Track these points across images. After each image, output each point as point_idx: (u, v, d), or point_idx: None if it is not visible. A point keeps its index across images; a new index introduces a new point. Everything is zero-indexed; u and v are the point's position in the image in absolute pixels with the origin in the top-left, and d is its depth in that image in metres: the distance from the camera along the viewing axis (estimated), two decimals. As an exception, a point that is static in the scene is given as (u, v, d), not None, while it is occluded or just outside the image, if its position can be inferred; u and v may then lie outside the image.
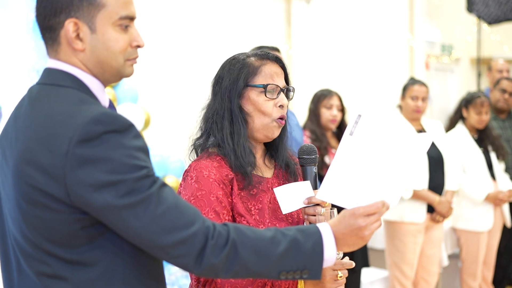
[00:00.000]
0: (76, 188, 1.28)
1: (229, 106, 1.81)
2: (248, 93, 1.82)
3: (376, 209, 1.46)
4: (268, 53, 1.88)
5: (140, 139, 1.34)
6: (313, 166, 1.82)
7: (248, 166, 1.79)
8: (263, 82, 1.82)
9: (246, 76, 1.82)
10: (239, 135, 1.80)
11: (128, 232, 1.32)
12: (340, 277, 1.75)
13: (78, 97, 1.37)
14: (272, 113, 1.82)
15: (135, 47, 1.45)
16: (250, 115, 1.81)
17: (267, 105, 1.81)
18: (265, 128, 1.82)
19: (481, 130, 4.56)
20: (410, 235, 4.10)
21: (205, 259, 1.33)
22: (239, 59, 1.86)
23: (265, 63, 1.85)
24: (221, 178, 1.75)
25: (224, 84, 1.84)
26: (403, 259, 4.12)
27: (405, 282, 4.15)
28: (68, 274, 1.35)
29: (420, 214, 4.09)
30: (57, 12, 1.39)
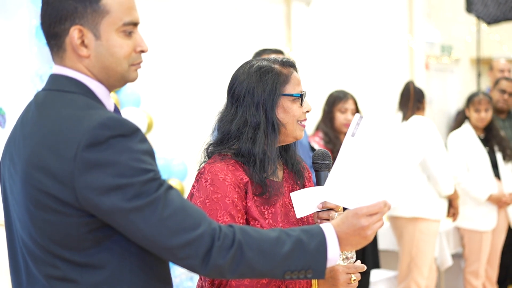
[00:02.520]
0: (84, 191, 1.31)
1: (264, 118, 1.83)
2: (282, 102, 1.85)
3: (379, 209, 1.48)
4: (289, 60, 1.92)
5: (146, 143, 1.37)
6: (327, 171, 1.85)
7: (271, 173, 1.83)
8: (293, 90, 1.86)
9: (281, 85, 1.85)
10: (272, 145, 1.83)
11: (136, 234, 1.34)
12: (353, 280, 1.78)
13: (84, 102, 1.40)
14: (300, 117, 1.87)
15: (139, 52, 1.47)
16: (283, 124, 1.84)
17: (298, 111, 1.86)
18: (295, 132, 1.87)
19: (487, 130, 4.61)
20: (433, 235, 4.20)
21: (211, 260, 1.36)
22: (267, 68, 1.87)
23: (291, 71, 1.89)
24: (236, 182, 1.77)
25: (257, 95, 1.84)
26: (424, 259, 4.20)
27: (422, 283, 4.21)
28: (77, 276, 1.37)
29: (444, 211, 4.24)
30: (62, 20, 1.41)
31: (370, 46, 6.98)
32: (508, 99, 5.02)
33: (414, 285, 4.19)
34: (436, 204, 4.18)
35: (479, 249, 4.56)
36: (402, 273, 4.29)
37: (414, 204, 4.17)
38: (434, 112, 8.22)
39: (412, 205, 4.18)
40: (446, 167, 4.22)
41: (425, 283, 4.21)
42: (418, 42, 7.61)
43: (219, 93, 4.59)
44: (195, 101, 4.98)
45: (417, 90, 4.39)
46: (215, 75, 5.10)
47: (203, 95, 5.01)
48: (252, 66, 1.88)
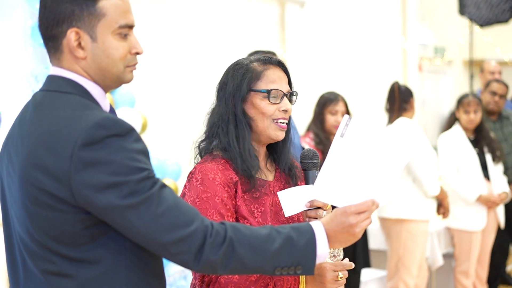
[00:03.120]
0: (81, 189, 1.35)
1: (233, 110, 1.85)
2: (252, 98, 1.85)
3: (366, 207, 1.52)
4: (271, 58, 1.92)
5: (141, 142, 1.41)
6: (314, 170, 1.86)
7: (253, 169, 1.83)
8: (266, 87, 1.85)
9: (249, 81, 1.86)
10: (244, 139, 1.84)
11: (130, 231, 1.38)
12: (340, 277, 1.80)
13: (81, 102, 1.43)
14: (273, 115, 1.85)
15: (134, 54, 1.51)
16: (253, 119, 1.85)
17: (269, 108, 1.85)
18: (268, 131, 1.86)
19: (477, 132, 4.65)
20: (422, 234, 4.22)
21: (203, 256, 1.39)
22: (242, 64, 1.89)
23: (267, 67, 1.88)
24: (226, 181, 1.80)
25: (228, 89, 1.87)
26: (413, 259, 4.22)
27: (411, 282, 4.23)
28: (73, 271, 1.41)
29: (433, 210, 4.27)
30: (59, 22, 1.45)
31: (364, 47, 6.99)
32: (499, 101, 5.05)
33: (402, 284, 4.23)
34: (423, 204, 4.21)
35: (469, 249, 4.59)
36: (390, 272, 4.33)
37: (401, 205, 4.20)
38: (427, 113, 8.25)
39: (399, 206, 4.21)
40: (431, 169, 4.23)
41: (414, 282, 4.24)
42: (411, 44, 7.65)
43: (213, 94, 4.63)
44: (189, 102, 4.98)
45: (402, 90, 4.35)
46: (210, 76, 5.10)
47: (198, 96, 5.02)
48: (235, 62, 1.93)
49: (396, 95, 4.32)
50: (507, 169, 4.99)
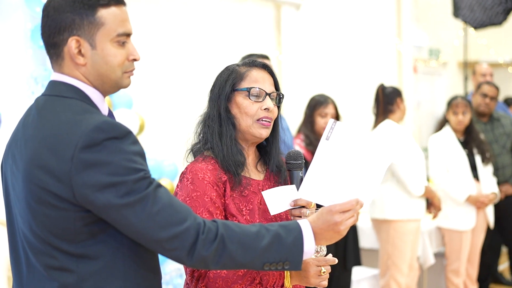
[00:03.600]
0: (81, 189, 1.43)
1: (218, 110, 1.95)
2: (235, 97, 1.95)
3: (351, 206, 1.61)
4: (255, 61, 2.01)
5: (138, 145, 1.49)
6: (299, 170, 1.93)
7: (235, 165, 1.91)
8: (248, 86, 1.95)
9: (233, 81, 1.95)
10: (226, 136, 1.92)
11: (127, 228, 1.46)
12: (323, 272, 1.87)
13: (81, 107, 1.52)
14: (255, 114, 1.93)
15: (132, 60, 1.60)
16: (236, 118, 1.94)
17: (251, 108, 1.93)
18: (251, 130, 1.94)
19: (467, 133, 4.72)
20: (410, 233, 4.27)
21: (196, 252, 1.48)
22: (229, 67, 2.00)
23: (251, 69, 1.98)
24: (214, 180, 1.88)
25: (214, 91, 1.98)
26: (403, 258, 4.27)
27: (401, 280, 4.30)
28: (73, 266, 1.49)
29: (421, 210, 4.32)
30: (60, 31, 1.53)
31: (359, 49, 7.02)
32: (490, 103, 5.12)
33: (393, 282, 4.30)
34: (409, 205, 4.26)
35: (459, 248, 4.66)
36: (382, 271, 4.41)
37: (388, 206, 4.28)
38: (422, 114, 8.28)
39: (386, 207, 4.29)
40: (415, 170, 4.27)
41: (405, 280, 4.31)
42: (406, 46, 7.66)
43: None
44: (186, 104, 5.02)
45: (387, 93, 4.37)
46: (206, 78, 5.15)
47: (194, 98, 5.07)
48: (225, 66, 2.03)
49: (380, 97, 4.37)
50: (498, 169, 5.07)
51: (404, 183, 4.23)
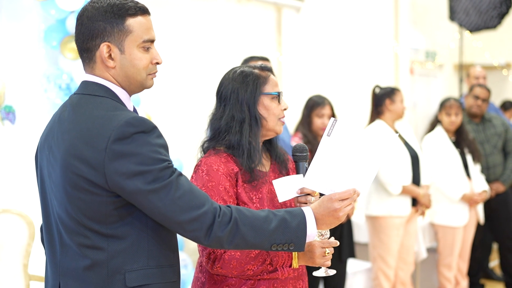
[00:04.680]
0: (113, 176, 1.63)
1: (248, 112, 2.14)
2: (262, 100, 2.16)
3: (349, 195, 1.82)
4: (266, 66, 2.23)
5: (162, 138, 1.69)
6: (304, 162, 2.13)
7: (255, 163, 2.12)
8: (271, 90, 2.17)
9: (261, 85, 2.16)
10: (256, 136, 2.14)
11: (153, 211, 1.66)
12: (327, 253, 2.07)
13: (112, 104, 1.72)
14: (279, 114, 2.18)
15: (155, 64, 1.80)
16: (264, 118, 2.16)
17: (277, 109, 2.17)
18: (276, 128, 2.18)
19: (458, 133, 4.90)
20: (395, 228, 4.44)
21: (213, 233, 1.68)
22: (248, 72, 2.18)
23: (269, 74, 2.20)
24: (228, 172, 2.09)
25: (241, 95, 2.16)
26: (388, 251, 4.46)
27: (389, 272, 4.49)
28: (104, 245, 1.69)
29: (406, 208, 4.45)
30: (93, 37, 1.73)
31: (357, 51, 7.14)
32: (482, 104, 5.28)
33: (381, 274, 4.50)
34: (392, 202, 4.42)
35: (452, 243, 4.83)
36: (372, 263, 4.62)
37: (373, 203, 4.48)
38: (418, 115, 8.40)
39: (371, 204, 4.49)
40: (394, 169, 4.40)
41: (392, 272, 4.49)
42: (403, 48, 7.78)
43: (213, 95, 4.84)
44: (191, 102, 5.18)
45: (376, 95, 4.53)
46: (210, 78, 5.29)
47: (198, 97, 5.22)
48: (235, 71, 2.22)
49: (371, 99, 4.57)
50: (489, 168, 5.25)
51: (382, 181, 4.41)
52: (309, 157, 2.13)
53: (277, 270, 2.06)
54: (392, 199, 4.43)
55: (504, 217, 5.39)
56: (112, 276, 1.68)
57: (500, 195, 5.30)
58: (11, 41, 3.98)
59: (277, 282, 2.10)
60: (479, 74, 6.03)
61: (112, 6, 1.72)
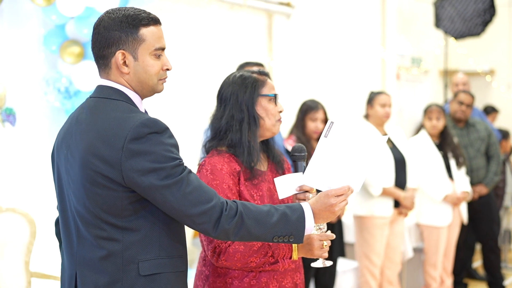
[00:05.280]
0: (129, 173, 1.76)
1: (247, 112, 2.28)
2: (260, 101, 2.31)
3: (344, 191, 1.97)
4: (264, 71, 2.39)
5: (173, 138, 1.83)
6: (303, 161, 2.28)
7: (254, 162, 2.26)
8: (269, 92, 2.32)
9: (259, 88, 2.31)
10: (255, 135, 2.28)
11: (165, 205, 1.80)
12: (325, 246, 2.22)
13: (127, 107, 1.86)
14: (276, 115, 2.32)
15: (165, 70, 1.94)
16: (262, 118, 2.30)
17: (274, 110, 2.31)
18: (273, 128, 2.33)
19: (442, 137, 5.08)
20: (378, 228, 4.60)
21: (220, 225, 1.82)
22: (247, 76, 2.33)
23: (266, 78, 2.36)
24: (231, 171, 2.24)
25: (240, 96, 2.30)
26: (372, 250, 4.62)
27: (374, 270, 4.65)
28: (119, 237, 1.82)
29: (388, 209, 4.59)
30: (109, 45, 1.87)
31: (345, 57, 7.24)
32: (466, 110, 5.45)
33: (367, 273, 4.67)
34: (375, 203, 4.58)
35: (437, 243, 5.00)
36: (359, 262, 4.78)
37: (358, 204, 4.65)
38: (404, 120, 8.56)
39: (356, 204, 4.66)
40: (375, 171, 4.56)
41: (377, 270, 4.65)
42: (390, 54, 7.89)
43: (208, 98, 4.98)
44: (187, 105, 5.30)
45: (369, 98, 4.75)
46: (203, 82, 5.42)
47: (194, 100, 5.35)
48: (235, 76, 2.37)
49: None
50: (472, 171, 5.43)
51: (364, 183, 4.54)
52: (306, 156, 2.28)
53: (278, 262, 2.21)
54: (374, 200, 4.58)
55: (487, 219, 5.57)
56: (127, 265, 1.82)
57: (483, 197, 5.48)
58: (12, 45, 4.06)
59: (277, 274, 2.26)
60: (459, 81, 6.21)
61: (127, 16, 1.86)
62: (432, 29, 7.84)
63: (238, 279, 2.24)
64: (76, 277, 1.87)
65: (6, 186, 3.96)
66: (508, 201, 6.20)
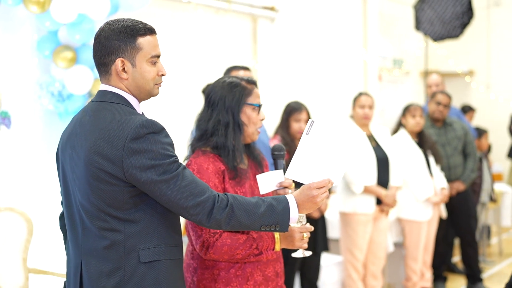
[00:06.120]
0: (129, 169, 1.94)
1: (232, 118, 2.44)
2: (245, 109, 2.47)
3: (325, 184, 2.16)
4: (253, 79, 2.55)
5: (169, 138, 2.01)
6: (282, 160, 2.47)
7: (238, 163, 2.44)
8: (254, 101, 2.48)
9: (245, 96, 2.47)
10: (239, 139, 2.44)
11: (163, 198, 1.98)
12: (305, 237, 2.40)
13: (127, 110, 2.03)
14: (257, 124, 2.49)
15: (160, 75, 2.12)
16: (245, 125, 2.47)
17: (256, 119, 2.48)
18: (252, 136, 2.49)
19: (420, 136, 5.28)
20: (361, 224, 4.78)
21: (213, 216, 2.00)
22: (236, 83, 2.49)
23: (253, 87, 2.52)
24: (216, 170, 2.41)
25: (228, 102, 2.46)
26: (355, 245, 4.81)
27: (357, 264, 4.84)
28: (121, 227, 2.00)
29: (370, 206, 4.77)
30: (109, 53, 2.04)
31: (328, 59, 7.38)
32: (443, 110, 5.63)
33: (350, 267, 4.85)
34: (358, 200, 4.76)
35: (417, 237, 5.18)
36: (343, 256, 4.96)
37: (342, 200, 4.84)
38: (386, 120, 8.71)
39: (341, 201, 4.85)
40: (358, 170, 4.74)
41: (360, 264, 4.82)
42: (372, 56, 8.05)
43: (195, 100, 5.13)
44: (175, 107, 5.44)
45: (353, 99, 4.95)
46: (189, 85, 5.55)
47: (181, 102, 5.48)
48: (225, 81, 2.53)
49: None
50: (450, 169, 5.62)
51: (347, 181, 4.76)
52: (286, 156, 2.47)
53: (262, 253, 2.40)
54: (357, 197, 4.76)
55: (464, 214, 5.76)
56: (128, 253, 2.00)
57: (460, 193, 5.66)
58: (6, 51, 4.18)
59: (260, 264, 2.46)
60: (433, 82, 6.41)
61: (125, 27, 2.04)
62: (412, 31, 8.00)
63: (225, 270, 2.43)
64: (82, 266, 2.05)
65: (3, 186, 4.08)
66: (485, 197, 6.40)
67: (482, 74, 9.78)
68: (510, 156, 8.58)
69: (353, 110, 4.91)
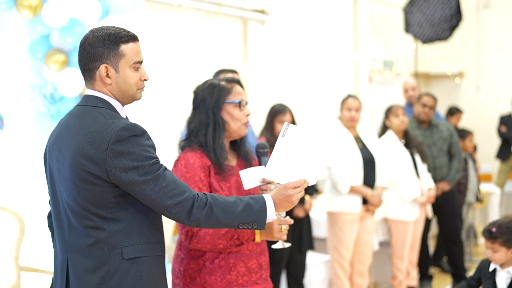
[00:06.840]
0: (113, 170, 2.04)
1: (213, 118, 2.57)
2: (226, 107, 2.59)
3: (300, 184, 2.26)
4: (233, 78, 2.67)
5: (151, 140, 2.11)
6: (265, 157, 2.58)
7: (222, 159, 2.55)
8: (235, 99, 2.59)
9: (224, 95, 2.59)
10: (219, 138, 2.57)
11: (144, 198, 2.07)
12: (283, 229, 2.50)
13: (110, 114, 2.13)
14: (242, 119, 2.60)
15: (143, 80, 2.22)
16: (227, 123, 2.59)
17: (240, 115, 2.60)
18: (239, 130, 2.61)
19: (406, 137, 5.37)
20: (347, 224, 4.88)
21: (192, 214, 2.10)
22: (215, 84, 2.62)
23: (233, 85, 2.64)
24: (202, 165, 2.54)
25: (207, 103, 2.59)
26: (341, 244, 4.90)
27: (343, 263, 4.94)
28: (105, 226, 2.09)
29: (356, 206, 4.86)
30: (94, 60, 2.14)
31: (319, 61, 7.46)
32: (429, 112, 5.72)
33: (337, 265, 4.94)
34: (344, 200, 4.85)
35: (404, 237, 5.26)
36: (330, 254, 5.05)
37: (329, 200, 4.93)
38: (376, 121, 8.80)
39: (328, 201, 4.94)
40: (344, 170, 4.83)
41: (346, 263, 4.92)
42: (362, 58, 8.13)
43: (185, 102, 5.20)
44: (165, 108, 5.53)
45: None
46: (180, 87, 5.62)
47: (172, 104, 5.55)
48: (206, 83, 2.67)
49: None
50: (435, 169, 5.72)
51: (333, 181, 4.86)
52: (269, 154, 2.57)
53: (243, 244, 2.51)
54: (343, 197, 4.85)
55: (450, 214, 5.84)
56: (112, 250, 2.09)
57: (446, 193, 5.74)
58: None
59: (243, 256, 2.57)
60: (409, 86, 6.56)
61: (109, 35, 2.13)
62: (402, 33, 8.06)
63: (209, 261, 2.56)
64: (68, 263, 2.14)
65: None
66: (471, 197, 6.50)
67: (471, 76, 9.88)
68: (498, 157, 8.68)
69: (341, 112, 5.00)
